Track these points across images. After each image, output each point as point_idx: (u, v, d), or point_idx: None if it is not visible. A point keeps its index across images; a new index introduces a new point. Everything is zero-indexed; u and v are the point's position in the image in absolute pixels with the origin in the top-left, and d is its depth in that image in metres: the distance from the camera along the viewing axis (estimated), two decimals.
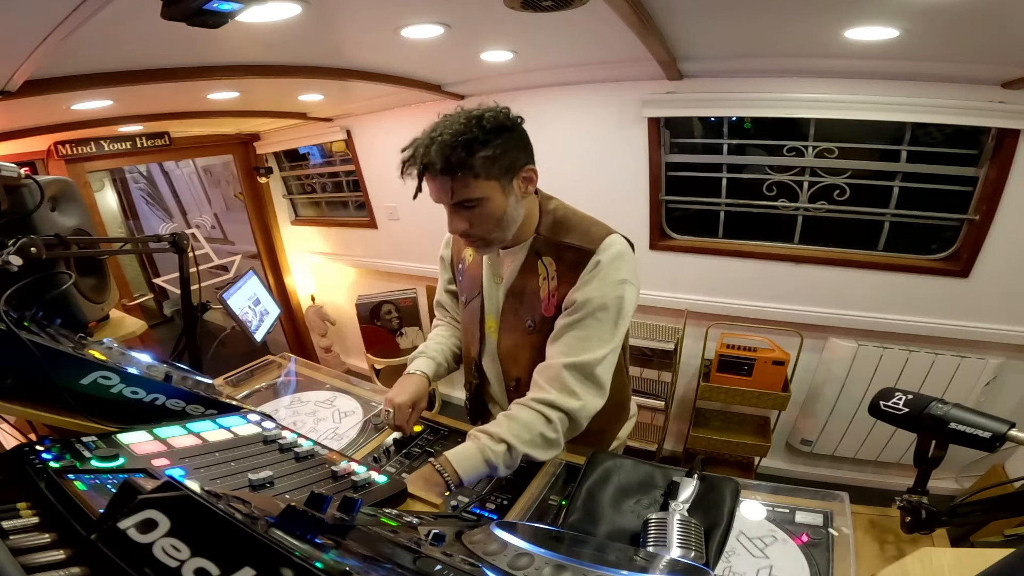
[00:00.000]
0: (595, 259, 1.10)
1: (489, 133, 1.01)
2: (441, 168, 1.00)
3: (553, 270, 1.15)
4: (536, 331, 1.19)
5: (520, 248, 1.20)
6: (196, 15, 0.97)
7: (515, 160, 1.07)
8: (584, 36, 1.98)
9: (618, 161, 2.67)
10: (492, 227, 1.10)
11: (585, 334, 1.10)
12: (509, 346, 1.27)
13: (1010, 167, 2.02)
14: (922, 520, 0.88)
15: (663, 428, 2.92)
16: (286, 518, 0.48)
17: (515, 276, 1.21)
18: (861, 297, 2.47)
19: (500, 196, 1.07)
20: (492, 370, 1.35)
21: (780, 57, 2.10)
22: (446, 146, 0.99)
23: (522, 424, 1.08)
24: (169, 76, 1.89)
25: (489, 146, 1.01)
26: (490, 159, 1.02)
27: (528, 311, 1.20)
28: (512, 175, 1.07)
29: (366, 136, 3.55)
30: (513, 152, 1.06)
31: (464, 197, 1.04)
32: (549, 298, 1.16)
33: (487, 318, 1.30)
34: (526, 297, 1.20)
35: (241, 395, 1.57)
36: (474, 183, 1.03)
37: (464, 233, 1.10)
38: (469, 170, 1.01)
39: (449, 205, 1.07)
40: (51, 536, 0.53)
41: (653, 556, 0.80)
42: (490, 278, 1.28)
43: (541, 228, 1.19)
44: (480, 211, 1.06)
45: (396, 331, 3.81)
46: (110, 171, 4.93)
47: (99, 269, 1.52)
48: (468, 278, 1.34)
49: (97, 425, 0.95)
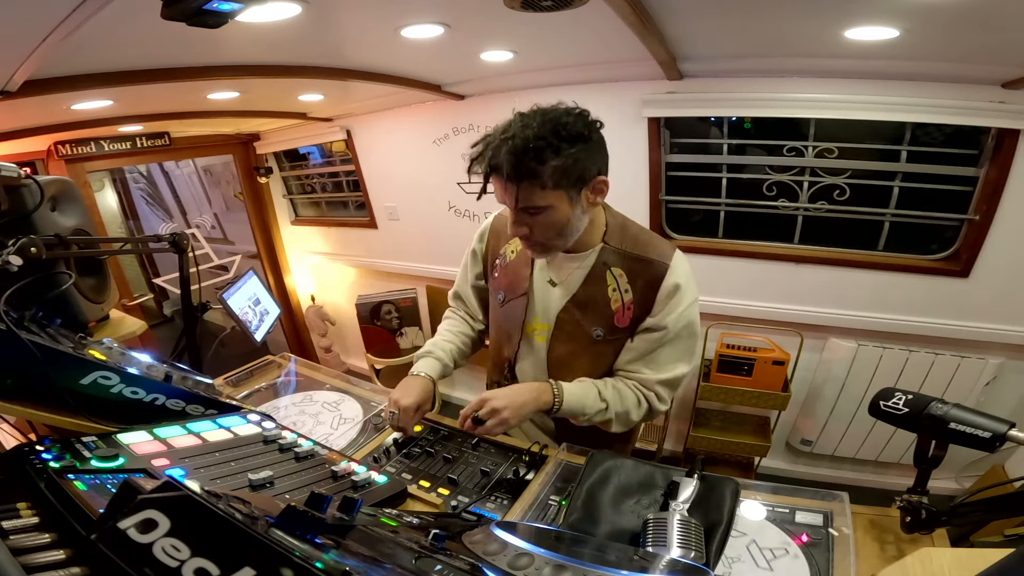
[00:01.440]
0: (673, 281, 1.14)
1: (564, 141, 0.98)
2: (508, 174, 0.99)
3: (625, 282, 1.16)
4: (604, 340, 1.21)
5: (586, 256, 1.19)
6: (196, 15, 0.97)
7: (587, 171, 1.04)
8: (584, 36, 1.98)
9: (618, 161, 2.63)
10: (553, 235, 1.10)
11: (675, 353, 1.19)
12: (564, 353, 1.26)
13: (1010, 167, 2.02)
14: (922, 520, 0.88)
15: (663, 428, 2.92)
16: (286, 518, 0.48)
17: (580, 284, 1.20)
18: (861, 297, 2.46)
19: (566, 206, 1.05)
20: (529, 374, 1.33)
21: (780, 57, 2.10)
22: (517, 151, 0.96)
23: (622, 398, 1.20)
24: (169, 76, 1.89)
25: (562, 155, 0.98)
26: (560, 169, 0.99)
27: (595, 321, 1.20)
28: (582, 186, 1.05)
29: (366, 136, 3.55)
30: (586, 162, 1.03)
31: (528, 204, 1.03)
32: (624, 310, 1.17)
33: (534, 320, 1.28)
34: (593, 307, 1.19)
35: (241, 395, 1.57)
36: (540, 193, 1.01)
37: (524, 237, 1.11)
38: (537, 179, 0.99)
39: (513, 209, 1.07)
40: (51, 536, 0.53)
41: (653, 556, 0.80)
42: (542, 279, 1.25)
43: (609, 237, 1.19)
44: (543, 219, 1.05)
45: (396, 331, 3.82)
46: (110, 171, 4.93)
47: (99, 269, 1.52)
48: (509, 276, 1.31)
49: (97, 425, 0.95)
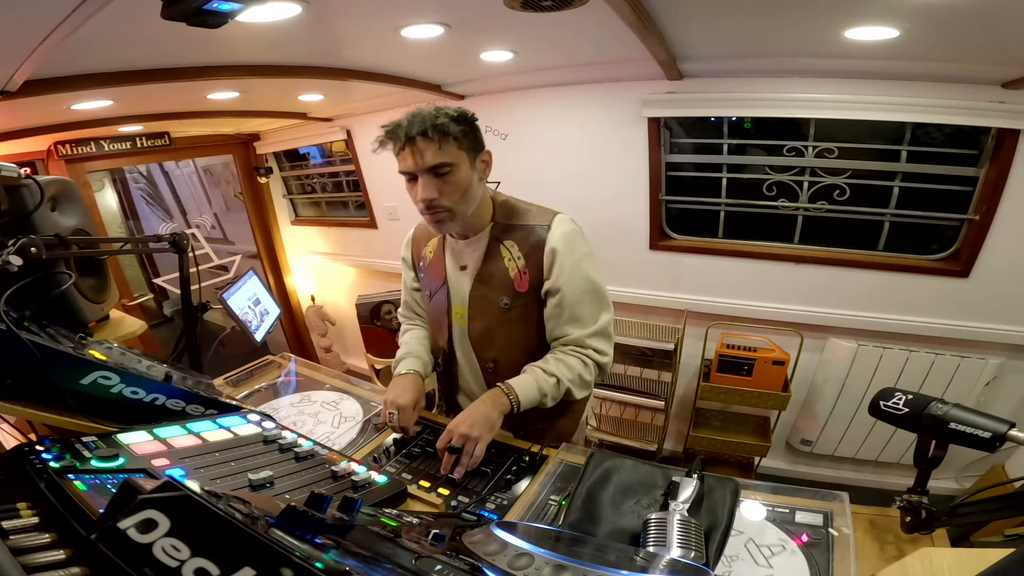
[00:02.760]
0: (551, 245, 1.25)
1: (458, 117, 1.17)
2: (427, 131, 1.13)
3: (517, 251, 1.29)
4: (511, 308, 1.31)
5: (480, 237, 1.32)
6: (196, 15, 0.97)
7: (478, 141, 1.23)
8: (584, 36, 1.98)
9: (618, 161, 2.67)
10: (459, 197, 1.20)
11: (589, 308, 1.29)
12: (481, 329, 1.36)
13: (1010, 167, 2.02)
14: (922, 520, 0.88)
15: (663, 428, 2.92)
16: (286, 518, 0.48)
17: (480, 263, 1.32)
18: (861, 297, 2.46)
19: (468, 168, 1.20)
20: (464, 356, 1.43)
21: (780, 57, 2.10)
22: (430, 117, 1.13)
23: (567, 365, 1.28)
24: (169, 76, 1.89)
25: (460, 124, 1.17)
26: (463, 132, 1.17)
27: (499, 292, 1.31)
28: (477, 153, 1.22)
29: (366, 136, 3.55)
30: (475, 135, 1.22)
31: (443, 160, 1.15)
32: (521, 276, 1.29)
33: (453, 306, 1.39)
34: (495, 280, 1.31)
35: (241, 395, 1.57)
36: (454, 148, 1.16)
37: (432, 203, 1.19)
38: (449, 135, 1.14)
39: (423, 171, 1.16)
40: (51, 536, 0.53)
41: (653, 556, 0.80)
42: (453, 267, 1.38)
43: (496, 216, 1.33)
44: (451, 178, 1.17)
45: (396, 331, 3.80)
46: (110, 171, 4.93)
47: (99, 269, 1.52)
48: (431, 273, 1.44)
49: (97, 425, 0.95)
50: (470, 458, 1.15)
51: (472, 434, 1.15)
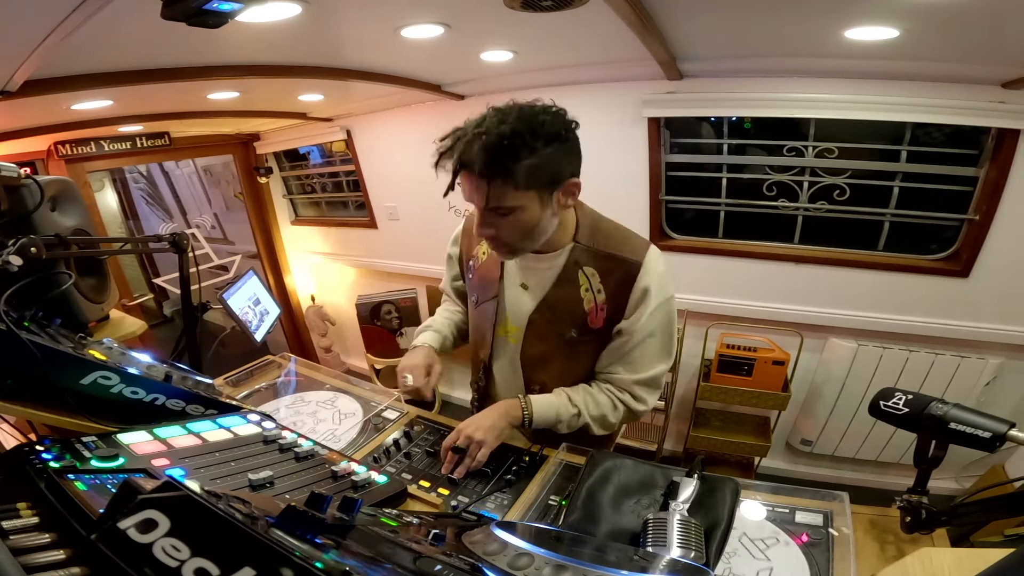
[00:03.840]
0: (644, 283, 1.10)
1: (539, 139, 0.93)
2: (479, 171, 0.93)
3: (598, 282, 1.13)
4: (578, 341, 1.19)
5: (556, 255, 1.15)
6: (196, 15, 0.97)
7: (560, 172, 1.00)
8: (584, 36, 1.98)
9: (618, 161, 2.67)
10: (520, 238, 1.06)
11: (650, 352, 1.17)
12: (537, 354, 1.24)
13: (1010, 167, 2.02)
14: (922, 520, 0.88)
15: (663, 428, 2.92)
16: (286, 518, 0.48)
17: (551, 285, 1.17)
18: (861, 297, 2.46)
19: (536, 208, 1.00)
20: (506, 374, 1.32)
21: (780, 57, 2.10)
22: (491, 148, 0.91)
23: (596, 402, 1.21)
24: (169, 76, 1.89)
25: (536, 155, 0.94)
26: (534, 169, 0.95)
27: (567, 321, 1.18)
28: (555, 188, 1.01)
29: (366, 136, 3.55)
30: (560, 163, 0.99)
31: (498, 204, 0.98)
32: (597, 311, 1.15)
33: (506, 322, 1.26)
34: (565, 309, 1.17)
35: (241, 395, 1.57)
36: (512, 193, 0.96)
37: (490, 238, 1.07)
38: (509, 177, 0.94)
39: (481, 208, 1.02)
40: (51, 536, 0.53)
41: (653, 556, 0.80)
42: (513, 284, 1.24)
43: (580, 237, 1.14)
44: (511, 220, 1.01)
45: (396, 331, 3.81)
46: (110, 171, 4.93)
47: (99, 269, 1.52)
48: (481, 279, 1.30)
49: (97, 425, 0.95)
50: (472, 460, 1.15)
51: (477, 437, 1.15)
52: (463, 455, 1.15)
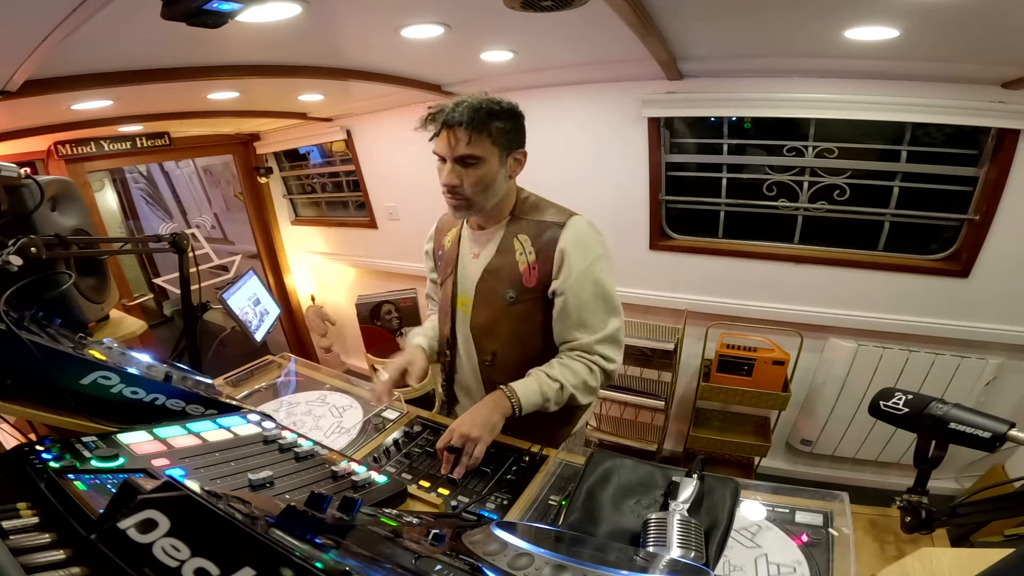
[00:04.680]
0: (562, 245, 1.24)
1: (504, 112, 1.20)
2: (464, 123, 1.15)
3: (529, 245, 1.29)
4: (517, 302, 1.31)
5: (497, 228, 1.34)
6: (196, 15, 0.97)
7: (516, 140, 1.25)
8: (584, 36, 1.98)
9: (618, 161, 2.67)
10: (479, 189, 1.22)
11: (597, 310, 1.28)
12: (484, 320, 1.36)
13: (1010, 167, 2.02)
14: (922, 520, 0.88)
15: (663, 428, 2.92)
16: (286, 518, 0.48)
17: (493, 254, 1.34)
18: (861, 297, 2.46)
19: (496, 164, 1.22)
20: (464, 346, 1.43)
21: (780, 57, 2.10)
22: (473, 107, 1.16)
23: (572, 371, 1.28)
24: (169, 76, 1.89)
25: (503, 120, 1.20)
26: (501, 130, 1.20)
27: (506, 284, 1.31)
28: (510, 151, 1.24)
29: (366, 136, 3.55)
30: (516, 133, 1.25)
31: (471, 152, 1.18)
32: (530, 270, 1.29)
33: (459, 294, 1.40)
34: (504, 272, 1.31)
35: (241, 395, 1.57)
36: (485, 143, 1.18)
37: (454, 188, 1.22)
38: (486, 130, 1.17)
39: (452, 158, 1.19)
40: (51, 536, 0.53)
41: (653, 556, 0.80)
42: (466, 255, 1.39)
43: (516, 210, 1.34)
44: (476, 171, 1.20)
45: (396, 331, 3.81)
46: (110, 171, 4.93)
47: (99, 269, 1.52)
48: (445, 260, 1.46)
49: (97, 425, 0.95)
50: (469, 458, 1.16)
51: (472, 435, 1.16)
52: (459, 454, 1.16)
